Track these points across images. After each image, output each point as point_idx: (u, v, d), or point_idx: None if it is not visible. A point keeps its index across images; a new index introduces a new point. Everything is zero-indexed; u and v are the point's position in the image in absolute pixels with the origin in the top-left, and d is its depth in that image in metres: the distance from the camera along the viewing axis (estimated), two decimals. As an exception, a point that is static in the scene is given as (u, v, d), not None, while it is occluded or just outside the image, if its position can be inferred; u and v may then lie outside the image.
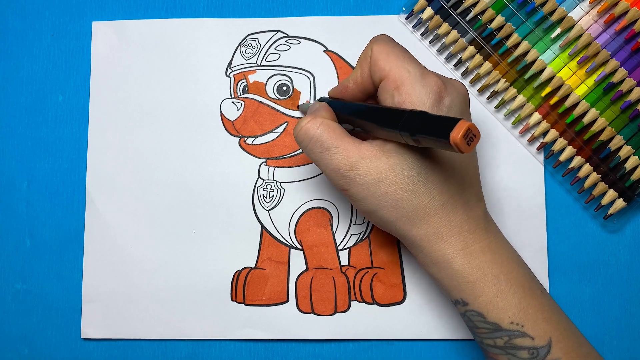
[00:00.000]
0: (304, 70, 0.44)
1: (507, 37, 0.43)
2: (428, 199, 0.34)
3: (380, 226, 0.37)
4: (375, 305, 0.43)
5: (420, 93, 0.34)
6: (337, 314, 0.43)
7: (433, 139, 0.31)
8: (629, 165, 0.42)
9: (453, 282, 0.35)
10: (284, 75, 0.45)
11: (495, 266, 0.35)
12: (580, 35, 0.42)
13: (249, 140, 0.44)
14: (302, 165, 0.44)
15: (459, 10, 0.43)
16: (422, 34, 0.44)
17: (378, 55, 0.36)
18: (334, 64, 0.45)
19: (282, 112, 0.44)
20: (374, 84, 0.37)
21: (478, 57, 0.43)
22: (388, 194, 0.34)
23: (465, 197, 0.35)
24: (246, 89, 0.45)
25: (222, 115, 0.45)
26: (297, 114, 0.44)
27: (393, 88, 0.35)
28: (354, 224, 0.44)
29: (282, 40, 0.45)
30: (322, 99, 0.41)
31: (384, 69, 0.35)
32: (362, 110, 0.36)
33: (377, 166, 0.34)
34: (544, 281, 0.43)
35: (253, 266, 0.44)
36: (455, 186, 0.35)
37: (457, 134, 0.29)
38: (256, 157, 0.44)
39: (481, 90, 0.44)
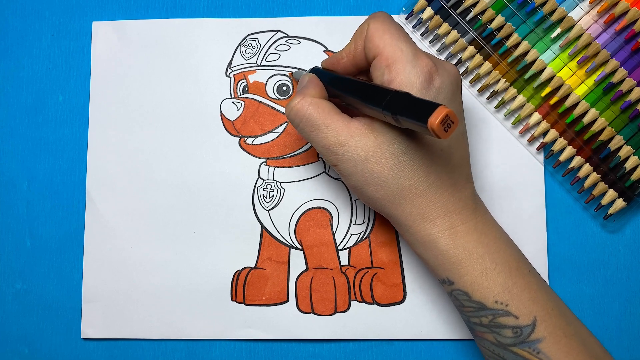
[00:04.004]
0: (304, 70, 0.44)
1: (507, 37, 0.43)
2: (414, 179, 0.35)
3: (368, 204, 0.37)
4: (375, 305, 0.43)
5: (410, 73, 0.34)
6: (337, 314, 0.43)
7: (413, 121, 0.31)
8: (629, 165, 0.42)
9: (438, 261, 0.36)
10: (284, 75, 0.45)
11: (481, 246, 0.35)
12: (580, 35, 0.42)
13: (249, 140, 0.44)
14: (302, 165, 0.44)
15: (459, 10, 0.43)
16: (422, 34, 0.44)
17: (374, 32, 0.36)
18: (334, 64, 0.44)
19: (282, 112, 0.44)
20: (367, 60, 0.37)
21: (478, 57, 0.43)
22: (374, 172, 0.35)
23: (453, 178, 0.36)
24: (246, 89, 0.45)
25: (222, 115, 0.45)
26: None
27: (385, 66, 0.35)
28: (354, 224, 0.44)
29: (282, 40, 0.45)
30: (314, 70, 0.40)
31: (378, 45, 0.35)
32: (349, 86, 0.37)
33: (365, 144, 0.35)
34: (544, 281, 0.43)
35: (253, 266, 0.44)
36: (442, 167, 0.35)
37: (434, 119, 0.29)
38: (256, 157, 0.44)
39: (481, 90, 0.44)
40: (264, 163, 0.44)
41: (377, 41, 0.36)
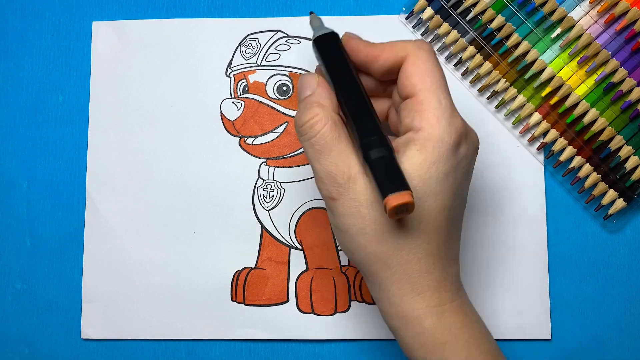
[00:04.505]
0: (304, 70, 0.44)
1: (507, 37, 0.43)
2: (417, 242, 0.31)
3: (351, 256, 0.33)
4: (375, 305, 0.43)
5: (444, 129, 0.31)
6: (337, 314, 0.43)
7: (374, 182, 0.29)
8: (629, 165, 0.42)
9: (419, 340, 0.32)
10: (284, 75, 0.45)
11: (466, 329, 0.32)
12: (581, 35, 0.42)
13: (249, 140, 0.44)
14: (302, 165, 0.44)
15: (459, 10, 0.43)
16: (422, 34, 0.44)
17: (414, 69, 0.32)
18: (334, 64, 0.44)
19: (282, 112, 0.44)
20: (399, 94, 0.33)
21: (478, 57, 0.43)
22: (377, 221, 0.31)
23: (448, 252, 0.33)
24: (246, 89, 0.45)
25: (222, 115, 0.45)
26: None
27: (417, 110, 0.31)
28: (354, 224, 0.44)
29: (282, 40, 0.45)
30: (330, 43, 0.34)
31: (416, 86, 0.32)
32: (352, 99, 0.32)
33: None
34: (544, 281, 0.43)
35: (253, 266, 0.44)
36: (443, 238, 0.32)
37: (394, 200, 0.28)
38: (256, 157, 0.44)
39: (481, 90, 0.44)
40: (264, 163, 0.44)
41: (417, 81, 0.32)
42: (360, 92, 0.33)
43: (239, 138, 0.44)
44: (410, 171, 0.31)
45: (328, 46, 0.34)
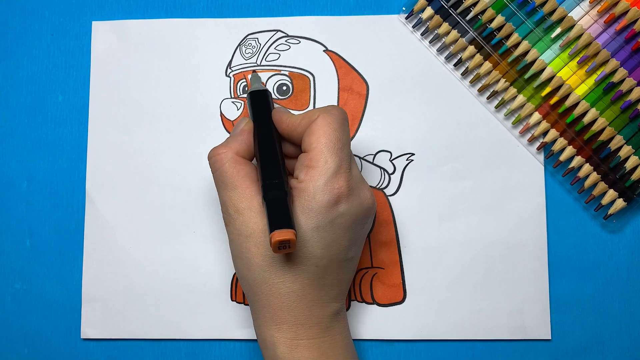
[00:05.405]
0: (304, 70, 0.44)
1: (507, 37, 0.43)
2: (278, 279, 0.35)
3: (236, 272, 0.37)
4: (375, 305, 0.43)
5: (319, 187, 0.34)
6: (337, 314, 0.43)
7: (266, 218, 0.33)
8: (629, 165, 0.42)
9: None
10: (284, 75, 0.44)
11: None
12: (581, 35, 0.42)
13: (249, 140, 0.44)
14: (302, 165, 0.44)
15: (459, 10, 0.43)
16: (422, 34, 0.44)
17: (316, 129, 0.35)
18: (334, 64, 0.44)
19: (282, 112, 0.44)
20: (302, 148, 0.37)
21: (478, 57, 0.43)
22: (249, 252, 0.35)
23: (316, 295, 0.36)
24: (246, 88, 0.45)
25: (222, 115, 0.45)
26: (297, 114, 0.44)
27: (306, 165, 0.35)
28: (354, 224, 0.44)
29: (282, 40, 0.45)
30: (258, 98, 0.39)
31: (311, 144, 0.35)
32: (263, 147, 0.37)
33: (256, 223, 0.35)
34: (544, 281, 0.43)
35: (253, 266, 0.44)
36: (310, 281, 0.35)
37: (277, 236, 0.32)
38: (256, 157, 0.44)
39: (481, 90, 0.44)
40: (264, 163, 0.44)
41: (313, 140, 0.35)
42: (271, 141, 0.37)
43: (238, 138, 0.44)
44: None
45: (258, 101, 0.39)
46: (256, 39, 0.45)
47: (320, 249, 0.35)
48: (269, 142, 0.37)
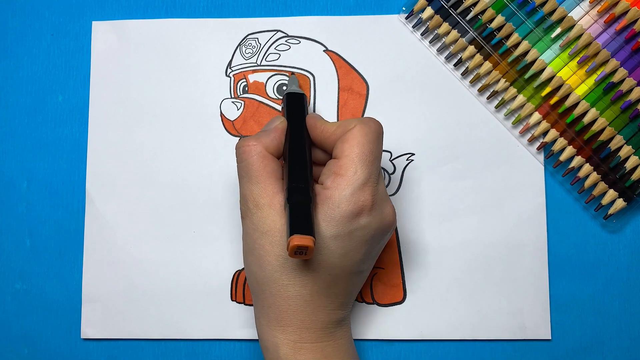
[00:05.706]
0: (304, 70, 0.44)
1: (507, 36, 0.43)
2: (288, 281, 0.35)
3: (245, 265, 0.37)
4: (375, 305, 0.43)
5: (344, 197, 0.34)
6: (337, 314, 0.43)
7: (287, 221, 0.33)
8: (629, 165, 0.42)
9: None
10: (284, 75, 0.44)
11: None
12: (581, 35, 0.42)
13: (249, 140, 0.44)
14: (302, 165, 0.44)
15: (459, 10, 0.43)
16: (422, 34, 0.44)
17: (351, 138, 0.35)
18: (334, 64, 0.45)
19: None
20: (332, 153, 0.37)
21: (478, 57, 0.43)
22: (263, 249, 0.35)
23: (323, 301, 0.35)
24: (246, 88, 0.45)
25: (222, 115, 0.45)
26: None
27: (334, 172, 0.35)
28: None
29: (282, 40, 0.45)
30: (294, 103, 0.40)
31: (343, 152, 0.35)
32: (293, 149, 0.37)
33: (273, 221, 0.34)
34: (544, 281, 0.43)
35: (253, 266, 0.44)
36: (319, 286, 0.35)
37: (295, 241, 0.31)
38: (256, 157, 0.44)
39: (481, 90, 0.44)
40: (264, 163, 0.44)
41: (346, 148, 0.35)
42: (302, 145, 0.37)
43: (239, 138, 0.44)
44: None
45: (294, 103, 0.40)
46: (256, 39, 0.45)
47: (335, 258, 0.35)
48: (300, 145, 0.37)
